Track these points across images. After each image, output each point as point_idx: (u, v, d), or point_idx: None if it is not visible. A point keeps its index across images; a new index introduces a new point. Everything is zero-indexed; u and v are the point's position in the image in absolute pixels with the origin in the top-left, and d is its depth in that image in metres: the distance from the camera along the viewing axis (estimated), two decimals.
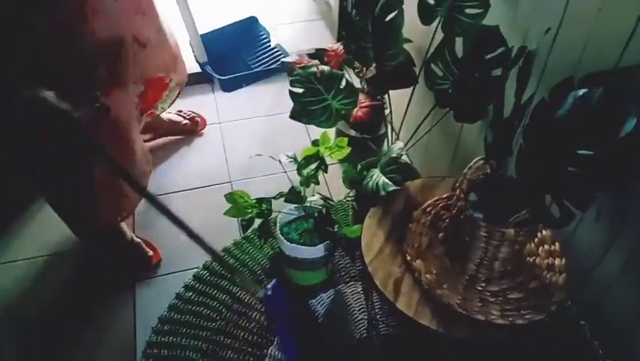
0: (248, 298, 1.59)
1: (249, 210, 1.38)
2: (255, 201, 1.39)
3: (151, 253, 1.70)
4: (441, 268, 1.10)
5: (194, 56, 2.28)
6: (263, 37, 2.47)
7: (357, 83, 1.84)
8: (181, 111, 2.11)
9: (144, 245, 1.70)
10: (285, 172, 1.51)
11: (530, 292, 1.06)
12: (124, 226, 1.67)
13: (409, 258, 1.11)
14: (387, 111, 1.74)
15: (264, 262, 1.69)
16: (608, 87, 0.80)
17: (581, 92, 0.83)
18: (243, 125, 2.20)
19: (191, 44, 2.27)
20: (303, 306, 1.58)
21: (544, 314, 1.02)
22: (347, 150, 1.46)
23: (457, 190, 1.04)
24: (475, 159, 1.05)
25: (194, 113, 2.13)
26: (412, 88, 1.50)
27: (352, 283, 1.64)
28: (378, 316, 1.51)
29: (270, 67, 2.35)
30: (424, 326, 1.01)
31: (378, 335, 1.49)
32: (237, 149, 2.10)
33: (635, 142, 0.78)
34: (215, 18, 2.64)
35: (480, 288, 1.07)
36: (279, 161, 1.42)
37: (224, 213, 1.38)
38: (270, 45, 2.43)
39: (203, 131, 2.16)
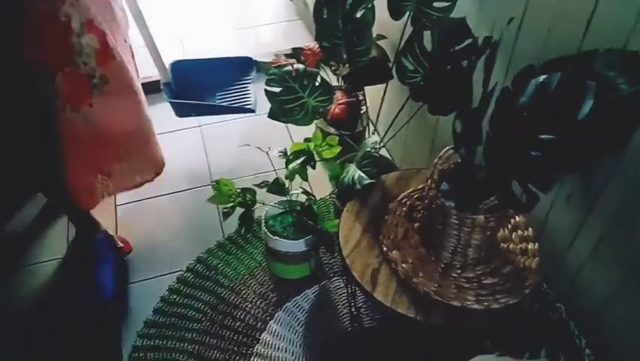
0: (233, 298, 1.60)
1: (232, 199, 1.39)
2: (239, 190, 1.41)
3: (121, 244, 1.71)
4: (417, 258, 1.12)
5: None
6: (247, 80, 2.34)
7: (334, 80, 1.86)
8: None
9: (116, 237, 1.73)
10: (275, 170, 1.53)
11: (505, 276, 1.08)
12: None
13: (385, 249, 1.13)
14: (364, 108, 1.76)
15: (247, 262, 1.70)
16: (566, 73, 0.83)
17: (541, 78, 0.85)
18: (223, 127, 2.21)
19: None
20: None
21: (518, 297, 1.04)
22: (337, 149, 1.48)
23: (429, 180, 1.06)
24: (445, 149, 1.07)
25: None
26: (386, 84, 1.52)
27: (336, 278, 1.66)
28: (361, 310, 1.53)
29: (232, 105, 2.22)
30: (402, 314, 1.03)
31: (362, 328, 1.51)
32: (218, 151, 2.11)
33: (593, 124, 0.81)
34: (195, 25, 2.66)
35: (455, 275, 1.08)
36: (267, 154, 1.45)
37: (208, 200, 1.40)
38: (248, 89, 2.30)
39: None
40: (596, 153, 0.88)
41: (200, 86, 2.17)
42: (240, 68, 2.28)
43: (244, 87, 2.31)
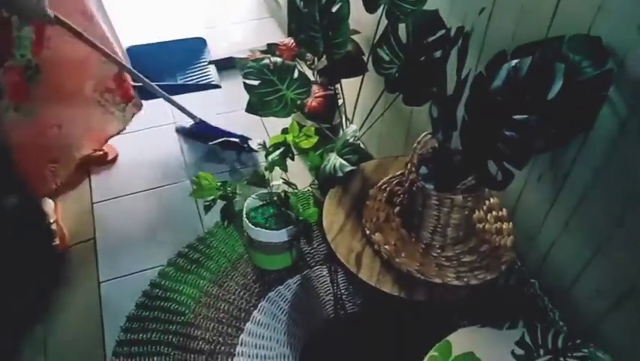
0: (216, 290, 1.62)
1: (213, 192, 1.41)
2: (219, 183, 1.43)
3: (57, 242, 1.73)
4: (398, 239, 1.16)
5: None
6: (202, 59, 2.48)
7: (310, 75, 1.89)
8: None
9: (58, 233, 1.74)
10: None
11: (482, 255, 1.14)
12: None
13: (368, 232, 1.17)
14: (340, 101, 1.80)
15: (229, 254, 1.72)
16: (536, 57, 0.88)
17: (513, 63, 0.91)
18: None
19: None
20: None
21: (495, 273, 1.09)
22: (314, 139, 1.51)
23: (408, 164, 1.11)
24: (423, 134, 1.12)
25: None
26: (361, 77, 1.56)
27: (317, 267, 1.69)
28: (344, 296, 1.57)
29: (198, 83, 2.33)
30: (387, 292, 1.07)
31: (346, 313, 1.55)
32: (193, 146, 2.12)
33: (562, 103, 0.86)
34: (167, 25, 2.65)
35: (435, 254, 1.13)
36: (248, 146, 1.47)
37: (190, 195, 1.42)
38: (206, 67, 2.42)
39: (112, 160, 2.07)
40: (566, 131, 0.94)
41: (159, 68, 2.25)
42: (193, 49, 2.41)
43: (202, 67, 2.42)
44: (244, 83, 1.46)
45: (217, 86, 2.16)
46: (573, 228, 1.09)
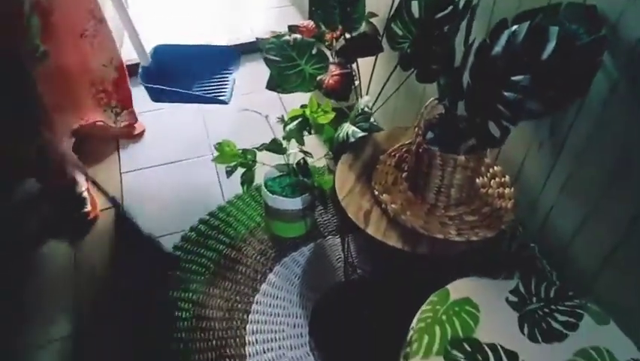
0: (234, 254, 1.72)
1: (234, 159, 1.51)
2: (240, 151, 1.52)
3: (89, 209, 1.82)
4: (405, 200, 1.24)
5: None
6: (228, 71, 2.32)
7: (328, 55, 1.98)
8: None
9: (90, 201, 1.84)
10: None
11: (483, 215, 1.21)
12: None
13: (376, 193, 1.25)
14: (357, 81, 1.88)
15: (247, 223, 1.82)
16: (534, 21, 0.95)
17: (513, 28, 0.98)
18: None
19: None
20: None
21: (495, 232, 1.17)
22: (331, 115, 1.60)
23: (416, 127, 1.19)
24: (430, 100, 1.19)
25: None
26: (375, 56, 1.65)
27: (330, 237, 1.78)
28: (354, 262, 1.65)
29: (206, 95, 2.21)
30: (392, 246, 1.15)
31: (355, 278, 1.63)
32: (216, 122, 2.22)
33: (558, 67, 0.94)
34: (190, 17, 2.75)
35: (439, 214, 1.21)
36: (266, 117, 1.56)
37: (212, 160, 1.52)
38: (227, 80, 2.28)
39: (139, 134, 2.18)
40: (563, 95, 1.01)
41: (181, 72, 2.17)
42: (222, 58, 2.30)
43: (223, 78, 2.29)
44: (265, 58, 1.55)
45: (224, 102, 2.11)
46: (569, 191, 1.15)
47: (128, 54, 2.14)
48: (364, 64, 1.72)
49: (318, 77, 1.61)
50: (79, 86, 1.93)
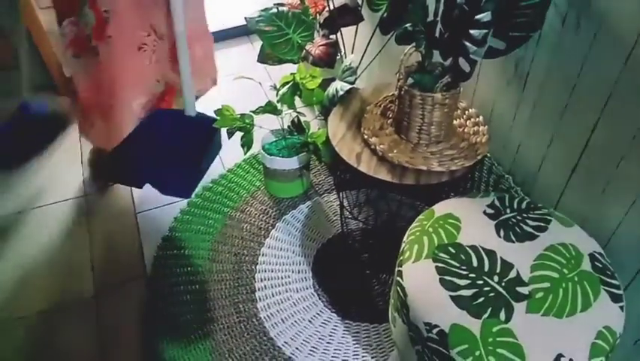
0: (238, 215, 1.85)
1: (235, 122, 1.64)
2: (238, 115, 1.66)
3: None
4: (391, 142, 1.39)
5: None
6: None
7: None
8: None
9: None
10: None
11: (461, 149, 1.36)
12: None
13: (365, 137, 1.40)
14: (342, 50, 2.03)
15: (248, 187, 1.96)
16: None
17: None
18: None
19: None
20: None
21: (472, 161, 1.31)
22: (319, 79, 1.74)
23: (397, 73, 1.33)
24: (408, 47, 1.34)
25: None
26: (357, 26, 1.79)
27: (325, 195, 1.92)
28: (348, 216, 1.79)
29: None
30: (382, 179, 1.30)
31: (350, 230, 1.78)
32: (212, 102, 2.35)
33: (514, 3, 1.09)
34: None
35: (422, 150, 1.36)
36: (260, 83, 1.70)
37: (214, 125, 1.65)
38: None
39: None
40: (521, 30, 1.16)
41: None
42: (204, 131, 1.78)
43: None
44: (256, 29, 1.69)
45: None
46: (534, 121, 1.31)
47: None
48: (347, 34, 1.86)
49: (306, 47, 1.75)
50: (125, 92, 1.70)
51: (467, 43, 1.15)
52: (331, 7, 1.78)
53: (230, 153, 2.05)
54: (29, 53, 1.66)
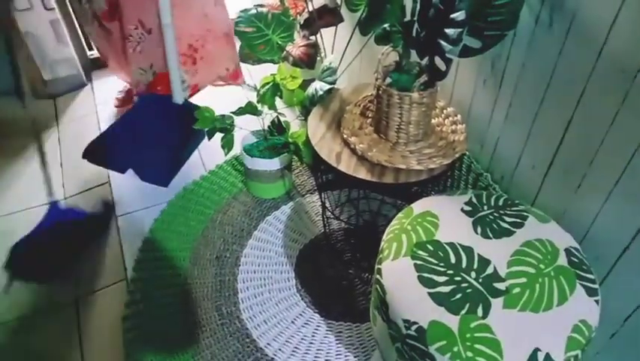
0: (220, 217, 1.85)
1: (215, 122, 1.64)
2: (218, 116, 1.65)
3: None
4: (371, 141, 1.39)
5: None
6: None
7: None
8: None
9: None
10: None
11: (439, 148, 1.37)
12: None
13: (345, 137, 1.40)
14: (322, 51, 2.03)
15: (230, 189, 1.95)
16: None
17: None
18: None
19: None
20: None
21: (450, 159, 1.32)
22: (300, 80, 1.74)
23: (375, 73, 1.34)
24: (386, 47, 1.35)
25: None
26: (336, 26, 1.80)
27: (307, 196, 1.92)
28: (330, 216, 1.80)
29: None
30: (361, 179, 1.30)
31: (332, 230, 1.78)
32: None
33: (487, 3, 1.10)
34: None
35: (401, 150, 1.36)
36: (245, 84, 1.70)
37: (194, 126, 1.64)
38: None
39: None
40: (496, 29, 1.17)
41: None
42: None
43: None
44: (236, 30, 1.69)
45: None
46: (511, 119, 1.32)
47: None
48: (327, 34, 1.86)
49: (287, 48, 1.75)
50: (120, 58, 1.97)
51: (442, 42, 1.16)
52: (311, 9, 1.79)
53: (211, 154, 2.04)
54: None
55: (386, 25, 1.47)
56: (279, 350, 1.48)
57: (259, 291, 1.62)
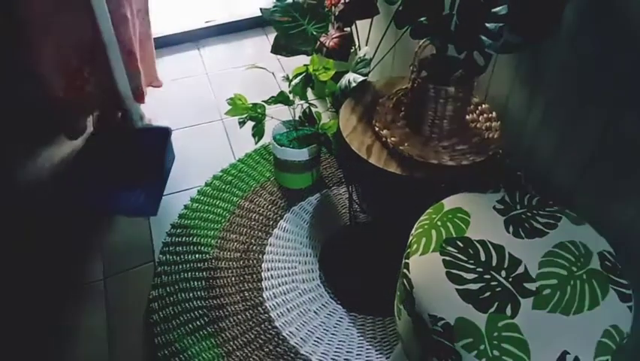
0: (247, 205, 1.86)
1: (246, 111, 1.65)
2: (250, 104, 1.66)
3: None
4: (403, 135, 1.38)
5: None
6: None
7: None
8: None
9: None
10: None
11: (473, 144, 1.35)
12: None
13: (377, 129, 1.40)
14: (356, 44, 2.02)
15: (258, 178, 1.96)
16: None
17: None
18: (228, 73, 2.47)
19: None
20: None
21: (483, 157, 1.31)
22: (332, 72, 1.74)
23: (411, 66, 1.32)
24: (423, 40, 1.33)
25: None
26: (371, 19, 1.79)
27: (334, 187, 1.92)
28: (357, 209, 1.79)
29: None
30: (392, 172, 1.29)
31: (358, 223, 1.78)
32: (225, 92, 2.36)
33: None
34: None
35: (433, 144, 1.35)
36: (273, 74, 1.70)
37: (225, 113, 1.65)
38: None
39: None
40: (538, 24, 1.14)
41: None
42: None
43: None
44: (272, 19, 1.69)
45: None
46: (548, 118, 1.29)
47: None
48: (362, 26, 1.85)
49: (320, 39, 1.75)
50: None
51: (482, 37, 1.14)
52: (347, 0, 1.77)
53: (241, 142, 2.06)
54: None
55: (423, 19, 1.46)
56: (302, 339, 1.49)
57: (283, 280, 1.63)
